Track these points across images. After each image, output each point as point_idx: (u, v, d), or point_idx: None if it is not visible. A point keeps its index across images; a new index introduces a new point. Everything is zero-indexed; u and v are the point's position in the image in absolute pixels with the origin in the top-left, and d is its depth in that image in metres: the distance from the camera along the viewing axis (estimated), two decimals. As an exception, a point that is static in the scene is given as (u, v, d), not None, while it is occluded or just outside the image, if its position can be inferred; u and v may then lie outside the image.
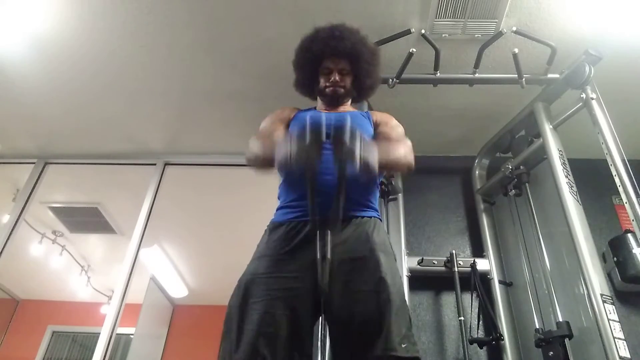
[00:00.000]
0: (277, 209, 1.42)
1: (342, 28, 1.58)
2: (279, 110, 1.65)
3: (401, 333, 1.15)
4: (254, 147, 1.37)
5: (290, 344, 1.16)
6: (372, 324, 1.15)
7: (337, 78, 1.57)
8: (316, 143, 1.07)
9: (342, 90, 1.59)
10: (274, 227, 1.36)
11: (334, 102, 1.61)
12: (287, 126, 1.57)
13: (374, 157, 1.11)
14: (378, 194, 1.48)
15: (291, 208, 1.35)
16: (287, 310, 1.19)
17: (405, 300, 1.26)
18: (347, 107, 1.66)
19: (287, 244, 1.28)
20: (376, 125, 1.58)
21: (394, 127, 1.57)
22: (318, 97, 1.67)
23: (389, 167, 1.35)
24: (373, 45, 1.64)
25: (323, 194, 1.20)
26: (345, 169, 1.11)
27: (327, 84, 1.58)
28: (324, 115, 1.10)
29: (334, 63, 1.58)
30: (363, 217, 1.33)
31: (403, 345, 1.12)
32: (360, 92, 1.68)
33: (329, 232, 1.20)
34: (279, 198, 1.45)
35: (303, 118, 1.55)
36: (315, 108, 1.68)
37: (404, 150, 1.35)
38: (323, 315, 1.24)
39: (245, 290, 1.23)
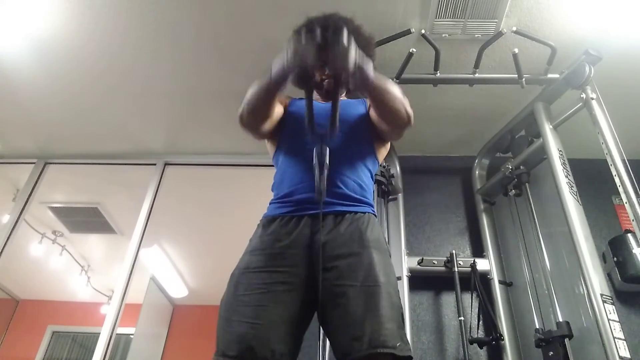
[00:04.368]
0: (270, 203, 1.40)
1: (336, 17, 1.55)
2: None
3: (394, 331, 1.14)
4: (248, 92, 1.35)
5: (279, 338, 1.16)
6: (365, 321, 1.14)
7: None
8: (312, 40, 1.10)
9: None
10: (267, 221, 1.34)
11: (329, 96, 1.60)
12: (283, 108, 1.54)
13: (368, 65, 1.13)
14: (373, 188, 1.47)
15: (284, 202, 1.35)
16: (278, 304, 1.18)
17: (399, 298, 1.25)
18: (342, 98, 1.63)
19: (281, 238, 1.27)
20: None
21: (390, 81, 1.57)
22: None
23: (384, 93, 1.29)
24: (368, 35, 1.58)
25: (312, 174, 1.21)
26: (340, 71, 1.12)
27: (323, 77, 1.57)
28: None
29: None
30: (357, 212, 1.32)
31: (397, 344, 1.12)
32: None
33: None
34: (272, 190, 1.45)
35: (300, 106, 1.54)
36: None
37: (401, 94, 1.33)
38: (317, 312, 1.24)
39: (237, 284, 1.22)
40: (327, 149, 1.18)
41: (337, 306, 1.18)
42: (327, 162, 1.17)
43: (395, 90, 1.31)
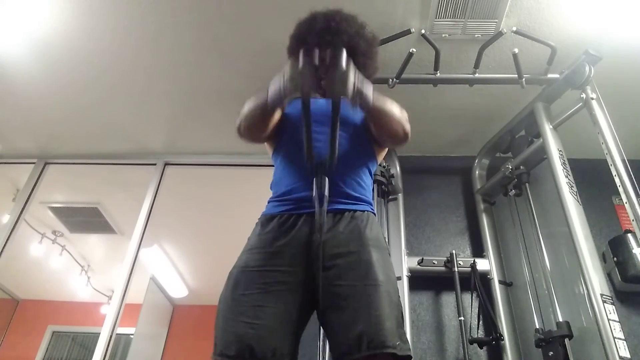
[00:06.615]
0: (269, 201, 1.40)
1: (338, 18, 1.52)
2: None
3: (394, 330, 1.14)
4: (245, 107, 1.35)
5: (279, 337, 1.16)
6: (364, 322, 1.14)
7: None
8: (310, 65, 1.08)
9: None
10: (265, 219, 1.34)
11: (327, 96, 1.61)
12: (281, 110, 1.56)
13: (368, 88, 1.13)
14: (372, 187, 1.46)
15: (283, 200, 1.34)
16: (277, 304, 1.18)
17: (399, 297, 1.25)
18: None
19: (279, 237, 1.26)
20: None
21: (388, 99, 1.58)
22: None
23: (382, 115, 1.30)
24: (371, 35, 1.57)
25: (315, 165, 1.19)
26: (338, 92, 1.11)
27: (322, 76, 1.56)
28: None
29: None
30: (356, 210, 1.32)
31: (397, 344, 1.12)
32: None
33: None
34: (271, 188, 1.45)
35: (299, 107, 1.54)
36: None
37: (400, 113, 1.34)
38: (317, 312, 1.24)
39: (235, 283, 1.22)
40: (327, 180, 1.15)
41: (336, 307, 1.18)
42: (327, 194, 1.14)
43: (394, 110, 1.31)
